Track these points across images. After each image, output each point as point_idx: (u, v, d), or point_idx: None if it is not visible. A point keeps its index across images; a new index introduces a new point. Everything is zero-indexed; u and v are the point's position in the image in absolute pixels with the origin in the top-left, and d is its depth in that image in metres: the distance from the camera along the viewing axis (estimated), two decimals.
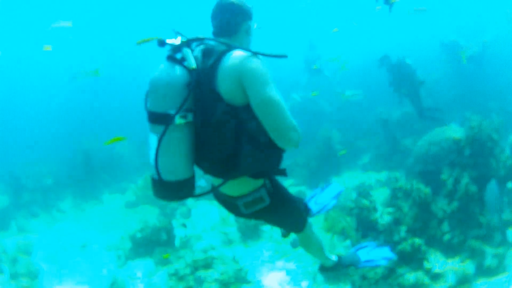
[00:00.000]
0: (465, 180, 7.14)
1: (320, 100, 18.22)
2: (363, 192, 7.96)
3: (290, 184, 11.91)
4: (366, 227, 7.31)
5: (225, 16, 3.46)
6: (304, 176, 12.24)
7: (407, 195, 7.72)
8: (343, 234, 7.71)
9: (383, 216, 7.61)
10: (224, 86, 3.13)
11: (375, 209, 7.65)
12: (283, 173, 3.50)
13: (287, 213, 3.85)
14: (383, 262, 5.00)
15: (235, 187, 3.48)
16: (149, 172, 3.28)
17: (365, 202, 7.55)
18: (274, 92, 3.12)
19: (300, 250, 7.68)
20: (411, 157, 10.34)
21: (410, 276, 6.38)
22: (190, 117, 3.19)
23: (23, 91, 32.03)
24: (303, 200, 4.33)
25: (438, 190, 7.78)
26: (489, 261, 6.47)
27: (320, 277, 7.13)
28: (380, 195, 9.25)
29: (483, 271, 6.40)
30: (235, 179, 3.38)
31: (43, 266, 8.67)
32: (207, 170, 3.43)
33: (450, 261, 6.79)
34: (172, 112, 3.11)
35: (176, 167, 3.23)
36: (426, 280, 6.32)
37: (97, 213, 13.14)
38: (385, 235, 7.14)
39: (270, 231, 9.01)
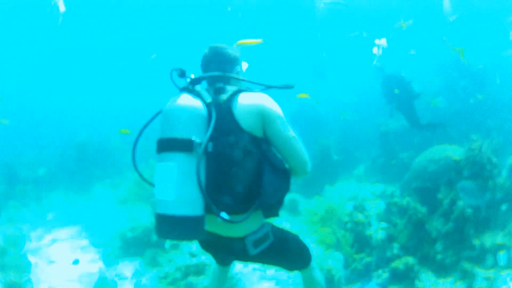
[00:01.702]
0: (461, 202, 7.12)
1: (320, 107, 18.25)
2: (359, 206, 7.95)
3: None
4: (360, 242, 7.29)
5: (213, 70, 3.66)
6: (297, 184, 12.21)
7: (402, 211, 7.72)
8: (336, 247, 7.68)
9: (378, 232, 7.59)
10: (245, 120, 3.32)
11: (369, 224, 7.64)
12: (276, 214, 3.57)
13: (291, 248, 3.89)
14: None
15: (243, 226, 3.47)
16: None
17: (360, 216, 7.53)
18: (292, 131, 3.54)
19: None
20: (408, 172, 10.33)
21: None
22: (210, 146, 3.24)
23: (19, 83, 31.95)
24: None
25: (433, 208, 7.74)
26: (479, 283, 6.43)
27: None
28: (374, 208, 9.23)
29: None
30: (254, 212, 3.40)
31: (31, 259, 8.60)
32: (226, 206, 3.29)
33: (441, 281, 6.77)
34: (195, 138, 3.14)
35: (194, 200, 3.13)
36: None
37: (88, 208, 13.06)
38: (378, 251, 7.11)
39: None
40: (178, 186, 3.09)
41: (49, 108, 25.57)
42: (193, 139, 3.12)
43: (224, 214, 3.22)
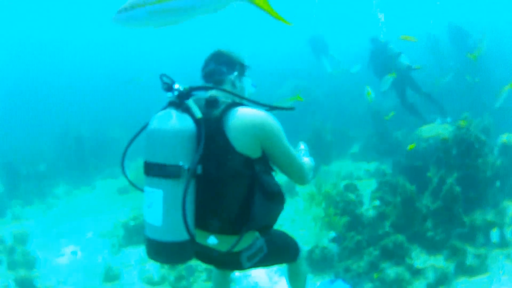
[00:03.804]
0: (450, 180, 7.26)
1: (315, 88, 18.29)
2: (350, 186, 8.10)
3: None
4: (351, 221, 7.45)
5: (211, 66, 3.45)
6: None
7: (393, 189, 7.86)
8: (329, 225, 7.83)
9: (369, 211, 7.76)
10: (239, 141, 3.06)
11: (361, 203, 7.80)
12: (267, 233, 3.48)
13: (282, 253, 3.95)
14: None
15: (233, 241, 3.21)
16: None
17: (351, 196, 7.70)
18: (292, 148, 3.36)
19: None
20: (399, 151, 10.47)
21: (391, 271, 6.52)
22: (199, 169, 2.98)
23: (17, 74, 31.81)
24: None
25: (424, 186, 7.91)
26: (470, 261, 6.54)
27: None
28: (368, 187, 9.36)
29: (464, 270, 6.48)
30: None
31: (39, 254, 8.77)
32: (214, 228, 3.22)
33: (431, 258, 6.92)
34: (182, 163, 2.92)
35: (182, 226, 2.92)
36: (406, 276, 6.41)
37: (90, 199, 13.23)
38: (370, 229, 7.29)
39: None
40: (165, 213, 2.93)
41: (46, 100, 25.43)
42: (180, 164, 2.90)
43: (212, 239, 3.21)
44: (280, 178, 3.39)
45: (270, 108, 3.36)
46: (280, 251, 3.90)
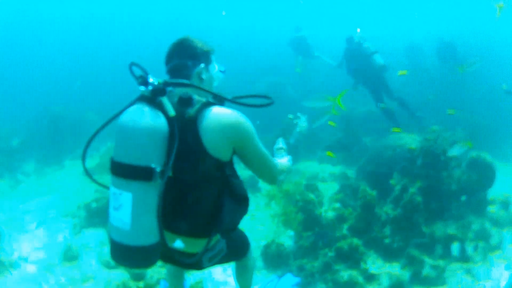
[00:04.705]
0: (412, 189, 7.28)
1: (288, 86, 18.32)
2: (311, 186, 8.08)
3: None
4: (309, 220, 7.41)
5: (175, 61, 3.24)
6: None
7: (354, 193, 7.87)
8: (288, 223, 7.82)
9: (328, 212, 7.74)
10: (213, 144, 2.92)
11: (320, 204, 7.77)
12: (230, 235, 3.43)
13: (239, 251, 3.92)
14: None
15: (197, 244, 3.20)
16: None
17: (311, 196, 7.66)
18: (264, 148, 3.27)
19: None
20: (365, 156, 10.49)
21: (345, 274, 6.51)
22: (170, 171, 2.81)
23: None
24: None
25: (386, 193, 7.92)
26: (427, 271, 6.55)
27: (260, 263, 7.24)
28: (330, 189, 9.35)
29: (420, 280, 6.49)
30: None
31: (3, 229, 8.66)
32: (181, 231, 3.11)
33: (387, 265, 6.94)
34: (154, 165, 2.77)
35: (151, 230, 2.83)
36: (360, 279, 6.39)
37: (58, 178, 13.12)
38: (327, 230, 7.24)
39: None
40: (133, 217, 2.78)
41: (26, 77, 25.17)
42: (152, 166, 2.75)
43: (178, 243, 3.11)
44: (243, 173, 3.32)
45: (246, 105, 3.17)
46: (237, 249, 3.86)
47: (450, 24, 23.13)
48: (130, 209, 2.77)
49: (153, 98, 2.90)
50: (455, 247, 6.93)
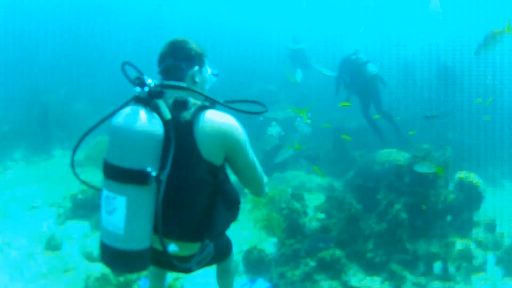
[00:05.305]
0: (398, 205, 7.28)
1: (280, 93, 18.34)
2: (297, 195, 8.07)
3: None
4: (292, 229, 7.39)
5: (168, 62, 3.21)
6: None
7: (340, 205, 7.86)
8: (272, 231, 7.81)
9: (312, 222, 7.73)
10: (207, 148, 2.92)
11: (305, 213, 7.74)
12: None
13: (223, 254, 3.88)
14: None
15: (188, 247, 3.18)
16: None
17: (297, 205, 7.64)
18: (255, 157, 3.25)
19: None
20: (353, 169, 10.50)
21: (325, 284, 6.50)
22: (164, 175, 2.78)
23: None
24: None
25: (372, 208, 7.91)
26: (408, 287, 6.59)
27: (241, 268, 7.23)
28: (316, 200, 9.32)
29: None
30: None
31: None
32: (173, 235, 3.07)
33: (368, 278, 6.93)
34: (149, 169, 2.73)
35: (144, 234, 2.83)
36: None
37: (46, 168, 13.19)
38: (311, 240, 7.26)
39: None
40: (127, 221, 2.75)
41: (18, 66, 25.06)
42: (148, 170, 2.72)
43: (172, 247, 3.08)
44: (233, 177, 3.33)
45: (242, 112, 3.14)
46: (222, 252, 3.83)
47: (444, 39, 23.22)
48: (124, 213, 2.74)
49: (148, 100, 2.87)
50: (437, 266, 6.96)
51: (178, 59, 3.20)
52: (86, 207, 8.99)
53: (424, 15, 17.09)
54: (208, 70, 3.43)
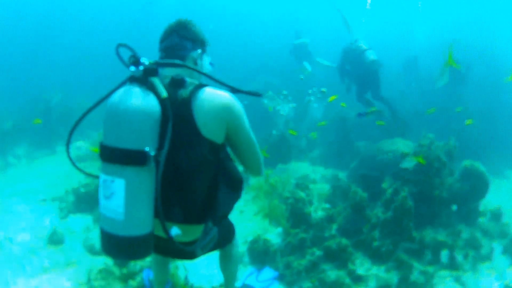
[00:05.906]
0: (403, 193, 7.21)
1: (283, 87, 18.30)
2: (302, 184, 8.01)
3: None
4: (297, 218, 7.34)
5: (174, 39, 3.15)
6: None
7: (345, 195, 7.81)
8: (276, 220, 7.76)
9: (317, 211, 7.67)
10: (207, 126, 2.85)
11: (310, 203, 7.69)
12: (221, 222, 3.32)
13: (226, 238, 3.81)
14: (275, 283, 5.80)
15: (192, 231, 3.10)
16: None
17: (302, 194, 7.58)
18: (253, 134, 3.19)
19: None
20: (357, 159, 10.44)
21: (332, 273, 6.43)
22: (163, 155, 2.68)
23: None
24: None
25: (377, 197, 7.87)
26: (415, 276, 6.47)
27: (246, 259, 7.17)
28: (321, 190, 9.28)
29: (408, 284, 6.39)
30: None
31: None
32: (176, 218, 2.98)
33: (375, 267, 6.86)
34: (148, 149, 2.64)
35: (145, 218, 2.73)
36: (347, 280, 6.31)
37: (49, 163, 13.19)
38: (316, 229, 7.19)
39: None
40: (127, 205, 2.65)
41: (22, 63, 25.12)
42: (146, 150, 2.63)
43: (175, 230, 2.97)
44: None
45: (238, 91, 3.08)
46: (226, 236, 3.77)
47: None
48: (123, 197, 2.64)
49: (144, 79, 2.79)
50: (444, 254, 6.89)
51: (184, 38, 3.16)
52: (89, 201, 8.96)
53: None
54: (207, 59, 3.40)
